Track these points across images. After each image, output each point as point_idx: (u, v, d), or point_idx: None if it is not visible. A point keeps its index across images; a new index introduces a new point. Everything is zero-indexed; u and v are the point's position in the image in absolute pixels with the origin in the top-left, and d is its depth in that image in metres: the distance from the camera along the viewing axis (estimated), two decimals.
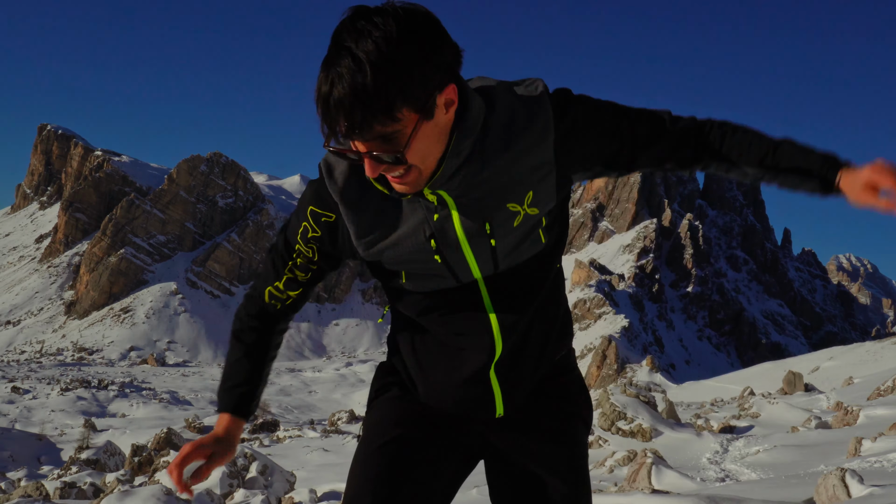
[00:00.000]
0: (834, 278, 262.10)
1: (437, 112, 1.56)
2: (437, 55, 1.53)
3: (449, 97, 1.57)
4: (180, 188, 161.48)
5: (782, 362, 56.17)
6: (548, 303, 1.93)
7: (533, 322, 1.90)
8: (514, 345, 1.89)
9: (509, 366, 1.91)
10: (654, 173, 1.89)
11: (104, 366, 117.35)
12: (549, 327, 1.95)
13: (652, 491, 6.27)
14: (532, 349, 1.93)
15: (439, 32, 1.55)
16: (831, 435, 13.73)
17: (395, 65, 1.46)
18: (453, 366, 1.92)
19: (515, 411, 1.98)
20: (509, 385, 1.92)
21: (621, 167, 1.81)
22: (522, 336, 1.90)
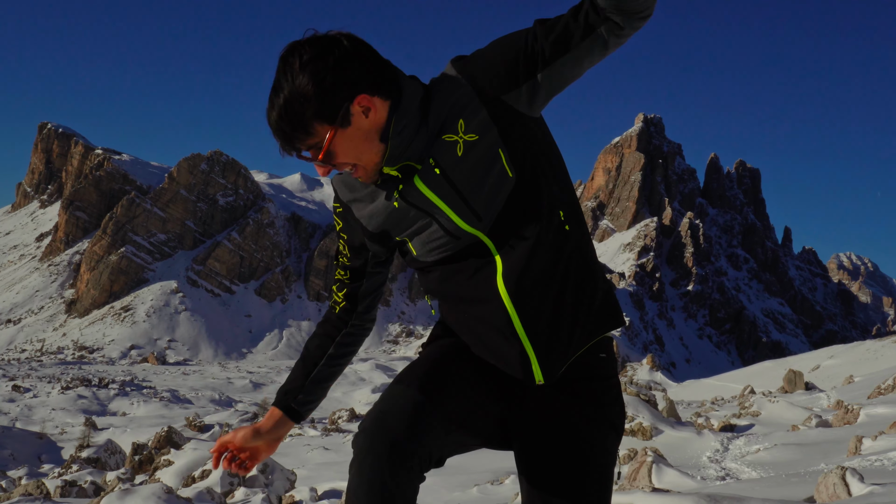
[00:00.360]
0: (834, 277, 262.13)
1: (356, 119, 1.84)
2: (338, 75, 1.81)
3: (362, 105, 1.84)
4: (181, 187, 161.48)
5: (783, 361, 56.12)
6: (560, 257, 1.97)
7: (548, 277, 1.96)
8: (533, 303, 1.96)
9: (535, 326, 1.97)
10: (580, 67, 1.87)
11: (105, 364, 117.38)
12: (569, 281, 1.99)
13: (652, 489, 6.27)
14: (552, 305, 1.97)
15: (342, 54, 1.82)
16: (832, 433, 13.74)
17: (301, 91, 1.81)
18: (481, 334, 2.02)
19: (553, 398, 2.03)
20: (543, 346, 1.98)
21: (537, 62, 1.84)
22: (539, 293, 1.96)
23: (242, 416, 51.69)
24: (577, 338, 2.02)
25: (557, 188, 1.99)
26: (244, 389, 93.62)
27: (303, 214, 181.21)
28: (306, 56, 1.83)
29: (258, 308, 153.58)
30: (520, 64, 1.85)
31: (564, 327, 2.00)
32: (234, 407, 69.94)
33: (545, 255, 1.96)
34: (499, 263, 1.95)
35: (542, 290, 1.96)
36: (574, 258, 2.01)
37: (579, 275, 2.01)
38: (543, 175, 1.95)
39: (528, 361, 1.99)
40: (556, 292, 1.98)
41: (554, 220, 1.97)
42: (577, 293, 2.00)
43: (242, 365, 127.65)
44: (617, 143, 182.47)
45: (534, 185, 1.94)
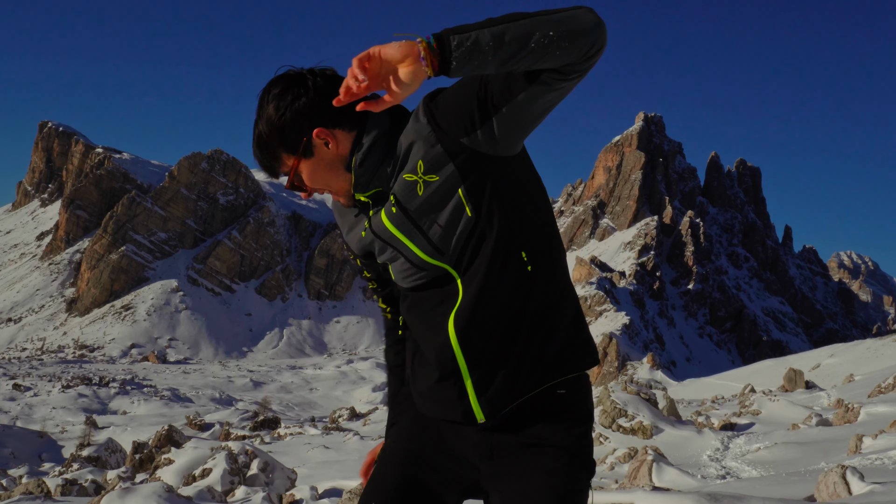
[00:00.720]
0: (835, 275, 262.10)
1: (318, 150, 1.99)
2: (297, 110, 1.96)
3: (321, 137, 1.97)
4: (181, 185, 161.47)
5: (783, 360, 56.15)
6: (516, 297, 1.98)
7: (499, 316, 1.97)
8: (479, 343, 1.98)
9: (478, 366, 1.99)
10: (550, 104, 1.87)
11: (105, 363, 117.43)
12: (524, 323, 1.98)
13: (653, 488, 6.27)
14: (499, 346, 1.98)
15: (304, 90, 1.96)
16: (832, 432, 13.74)
17: (269, 124, 1.99)
18: (429, 364, 2.08)
19: (503, 446, 2.04)
20: (484, 386, 2.00)
21: (489, 107, 1.85)
22: (487, 333, 1.98)
23: (243, 414, 51.74)
24: (525, 381, 1.99)
25: (524, 227, 1.98)
26: (245, 388, 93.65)
27: (303, 213, 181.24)
28: (273, 92, 1.99)
29: (259, 307, 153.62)
30: (474, 110, 1.86)
31: (511, 369, 1.98)
32: (235, 406, 70.00)
33: (500, 294, 1.96)
34: (460, 297, 1.98)
35: (490, 330, 1.97)
36: (534, 300, 1.99)
37: (538, 318, 2.00)
38: (507, 214, 1.95)
39: (467, 400, 2.01)
40: (505, 334, 1.98)
41: (513, 261, 1.97)
42: (531, 335, 1.99)
43: (243, 364, 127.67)
44: (617, 142, 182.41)
45: (494, 223, 1.94)
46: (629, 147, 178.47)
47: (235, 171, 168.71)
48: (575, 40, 1.70)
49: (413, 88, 1.73)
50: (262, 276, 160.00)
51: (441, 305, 2.02)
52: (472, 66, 1.70)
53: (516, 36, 1.69)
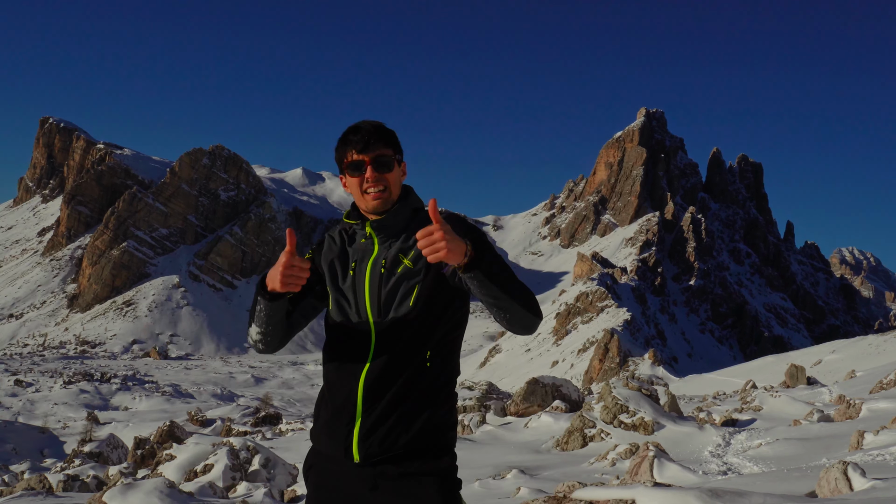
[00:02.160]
0: (837, 272, 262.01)
1: (400, 170, 2.83)
2: (399, 144, 2.84)
3: (404, 170, 2.86)
4: (182, 181, 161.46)
5: (785, 355, 56.16)
6: (417, 375, 2.68)
7: (400, 384, 2.65)
8: (375, 400, 2.65)
9: (368, 418, 2.65)
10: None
11: (107, 359, 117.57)
12: (412, 392, 2.66)
13: (654, 484, 6.27)
14: (386, 407, 2.64)
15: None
16: (834, 428, 13.73)
17: (387, 130, 2.82)
18: (334, 402, 2.72)
19: (385, 478, 2.65)
20: (366, 433, 2.65)
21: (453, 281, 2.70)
22: (386, 392, 2.65)
23: (244, 410, 51.74)
24: (398, 442, 2.64)
25: (437, 336, 2.70)
26: (246, 384, 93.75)
27: (304, 209, 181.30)
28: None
29: None
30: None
31: (390, 429, 2.64)
32: (236, 401, 70.03)
33: (404, 370, 2.66)
34: (371, 354, 2.67)
35: (386, 394, 2.64)
36: (422, 386, 2.69)
37: (421, 399, 2.68)
38: (432, 322, 2.68)
39: (351, 440, 2.65)
40: (395, 402, 2.64)
41: (421, 353, 2.68)
42: (413, 410, 2.66)
43: (244, 360, 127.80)
44: (619, 138, 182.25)
45: (422, 319, 2.67)
46: (631, 143, 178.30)
47: (237, 167, 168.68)
48: (527, 329, 2.65)
49: (451, 254, 2.44)
50: (263, 271, 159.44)
51: (357, 359, 2.69)
52: (481, 273, 2.49)
53: (513, 292, 2.55)
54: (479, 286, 2.52)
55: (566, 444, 15.92)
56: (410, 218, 2.79)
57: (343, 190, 64.22)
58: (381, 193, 2.73)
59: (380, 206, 2.74)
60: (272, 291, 2.68)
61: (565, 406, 21.89)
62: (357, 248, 2.79)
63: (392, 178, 2.75)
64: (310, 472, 2.83)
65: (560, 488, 7.20)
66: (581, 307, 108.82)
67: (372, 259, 2.73)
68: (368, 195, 2.74)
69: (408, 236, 2.75)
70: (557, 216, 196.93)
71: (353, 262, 2.77)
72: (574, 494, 6.35)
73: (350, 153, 2.73)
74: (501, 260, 2.58)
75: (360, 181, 2.74)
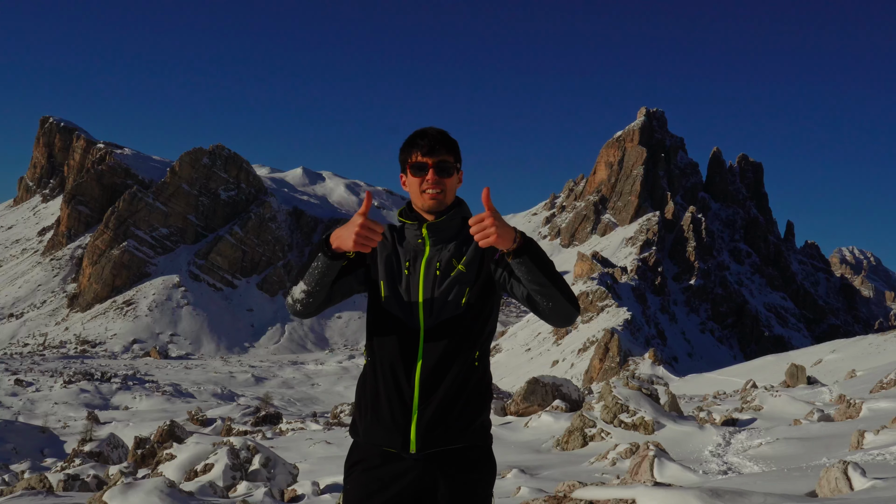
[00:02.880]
0: (837, 271, 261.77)
1: (457, 177, 3.03)
2: (459, 154, 3.06)
3: (461, 178, 3.07)
4: (183, 181, 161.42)
5: (785, 355, 56.09)
6: (467, 373, 2.89)
7: (452, 380, 2.85)
8: (430, 394, 2.84)
9: (425, 411, 2.83)
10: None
11: (107, 358, 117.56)
12: (465, 390, 2.88)
13: (654, 484, 6.27)
14: (447, 399, 2.84)
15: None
16: (834, 428, 13.74)
17: (451, 139, 3.03)
18: (387, 393, 2.88)
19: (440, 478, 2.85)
20: (423, 425, 2.83)
21: (503, 281, 2.95)
22: (440, 387, 2.84)
23: (245, 409, 51.74)
24: (453, 435, 2.86)
25: (485, 336, 2.97)
26: (246, 383, 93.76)
27: (304, 208, 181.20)
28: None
29: (260, 302, 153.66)
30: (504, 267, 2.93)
31: (447, 423, 2.84)
32: (237, 401, 70.03)
33: (455, 368, 2.87)
34: (420, 351, 2.86)
35: (440, 388, 2.84)
36: (472, 384, 2.91)
37: (472, 396, 2.91)
38: (480, 325, 2.93)
39: (409, 433, 2.84)
40: (450, 397, 2.85)
41: (471, 353, 2.91)
42: (465, 406, 2.88)
43: (244, 359, 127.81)
44: (619, 137, 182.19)
45: (472, 320, 2.91)
46: (631, 142, 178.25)
47: (237, 167, 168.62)
48: (567, 320, 2.91)
49: (501, 239, 2.68)
50: (263, 271, 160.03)
51: (408, 355, 2.87)
52: (529, 259, 2.73)
53: (557, 281, 2.82)
54: (527, 272, 2.74)
55: (566, 444, 15.92)
56: (461, 226, 3.00)
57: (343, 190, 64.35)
58: (438, 195, 2.94)
59: (435, 206, 2.96)
60: (336, 249, 2.81)
61: (565, 405, 21.90)
62: (409, 248, 2.98)
63: (450, 183, 2.98)
64: (355, 467, 2.96)
65: (560, 488, 7.20)
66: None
67: (425, 259, 2.94)
68: (426, 195, 2.95)
69: (459, 243, 2.97)
70: (557, 216, 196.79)
71: (406, 260, 2.95)
72: (574, 494, 6.35)
73: (415, 154, 2.96)
74: (544, 252, 2.79)
75: (421, 181, 2.95)
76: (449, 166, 2.96)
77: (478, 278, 2.92)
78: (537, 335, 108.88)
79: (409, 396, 2.84)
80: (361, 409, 2.96)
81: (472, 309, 2.91)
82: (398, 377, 2.86)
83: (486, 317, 2.96)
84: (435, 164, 2.94)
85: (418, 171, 2.95)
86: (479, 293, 2.92)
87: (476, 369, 2.92)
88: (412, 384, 2.84)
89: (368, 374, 2.96)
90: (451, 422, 2.85)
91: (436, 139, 2.95)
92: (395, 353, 2.88)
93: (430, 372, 2.84)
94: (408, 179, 3.01)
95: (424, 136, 2.96)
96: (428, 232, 2.95)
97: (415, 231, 2.97)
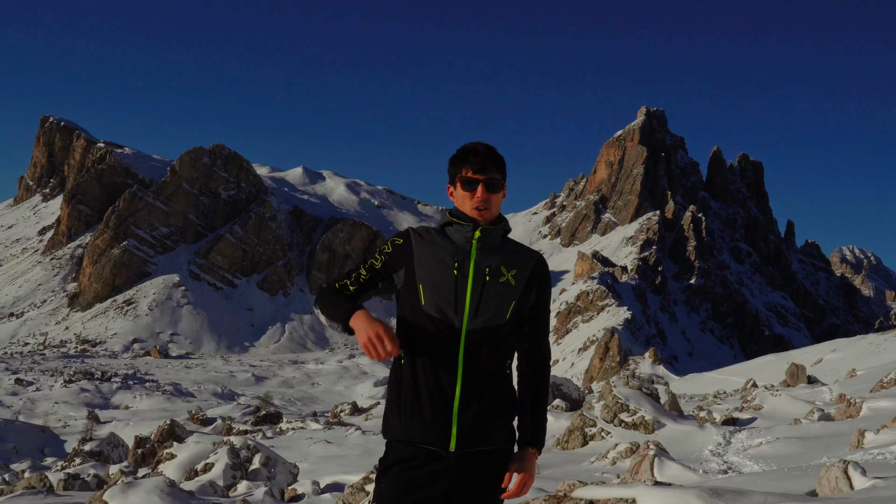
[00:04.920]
0: (837, 270, 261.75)
1: (502, 193, 3.11)
2: (505, 171, 3.15)
3: (505, 192, 3.15)
4: (183, 180, 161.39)
5: (785, 354, 56.10)
6: (501, 379, 3.03)
7: (489, 383, 2.98)
8: (472, 393, 2.95)
9: (465, 412, 2.94)
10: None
11: (107, 358, 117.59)
12: (500, 394, 3.02)
13: (654, 483, 6.26)
14: (485, 401, 2.97)
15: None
16: (834, 427, 13.74)
17: (500, 157, 3.13)
18: (429, 392, 2.95)
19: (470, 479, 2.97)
20: (464, 423, 2.93)
21: (526, 315, 3.13)
22: (479, 389, 2.97)
23: (245, 409, 51.79)
24: (490, 436, 2.99)
25: (514, 347, 3.13)
26: (246, 383, 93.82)
27: (305, 208, 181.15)
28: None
29: (260, 301, 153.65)
30: (541, 298, 3.16)
31: (487, 424, 2.98)
32: (237, 400, 70.06)
33: (492, 373, 3.00)
34: (462, 352, 2.95)
35: (479, 390, 2.97)
36: (505, 390, 3.05)
37: (505, 402, 3.05)
38: (515, 336, 3.11)
39: (449, 432, 2.93)
40: (489, 399, 2.99)
41: (505, 361, 3.06)
42: (501, 411, 3.03)
43: (245, 358, 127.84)
44: (619, 137, 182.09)
45: (509, 332, 3.06)
46: (631, 142, 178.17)
47: (237, 166, 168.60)
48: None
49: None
50: (263, 270, 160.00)
51: (449, 355, 2.95)
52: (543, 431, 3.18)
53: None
54: None
55: (567, 443, 15.92)
56: (504, 239, 3.13)
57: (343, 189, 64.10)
58: (485, 212, 3.05)
59: (481, 221, 3.07)
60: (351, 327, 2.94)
61: (566, 405, 21.91)
62: (455, 249, 3.06)
63: (496, 199, 3.08)
64: (392, 468, 3.02)
65: (560, 487, 7.19)
66: (581, 306, 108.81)
67: (473, 262, 3.02)
68: (475, 211, 3.06)
69: (504, 255, 3.08)
70: (558, 215, 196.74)
71: (455, 261, 3.02)
72: (574, 493, 6.35)
73: (466, 170, 3.05)
74: (544, 418, 3.17)
75: (471, 196, 3.05)
76: (498, 184, 3.07)
77: (522, 297, 3.05)
78: None
79: (450, 396, 2.94)
80: (400, 407, 3.01)
81: (513, 320, 3.05)
82: (440, 377, 2.95)
83: (518, 330, 3.13)
84: (485, 182, 3.04)
85: (468, 185, 3.06)
86: (522, 308, 3.07)
87: (507, 377, 3.07)
88: (454, 384, 2.94)
89: (406, 373, 3.02)
90: (489, 423, 2.97)
91: (486, 157, 3.05)
92: (436, 353, 2.96)
93: (473, 375, 2.95)
94: (456, 192, 3.10)
95: (476, 154, 3.05)
96: (480, 234, 3.04)
97: (467, 233, 3.05)
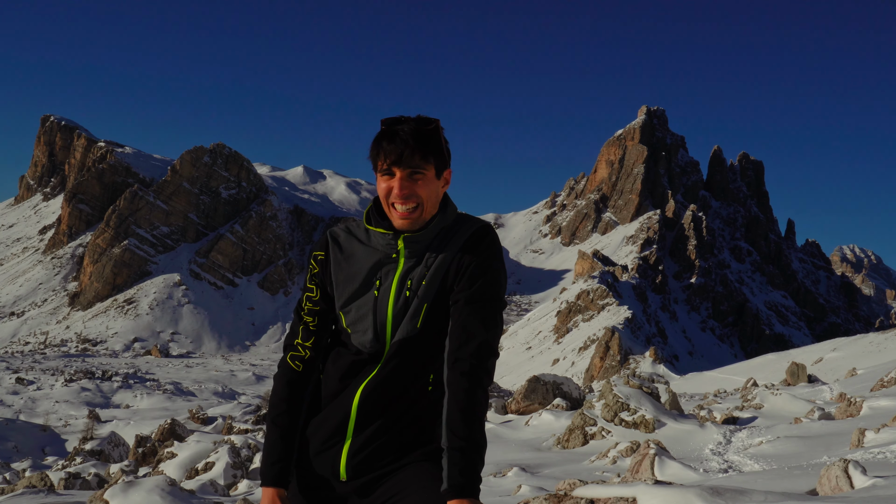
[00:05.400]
0: (838, 269, 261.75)
1: (441, 181, 2.44)
2: (445, 147, 2.45)
3: (447, 178, 2.48)
4: (183, 179, 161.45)
5: (785, 353, 56.09)
6: (410, 401, 2.43)
7: (392, 408, 2.41)
8: (368, 419, 2.40)
9: (359, 435, 2.41)
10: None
11: (108, 357, 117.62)
12: (403, 422, 2.42)
13: (655, 482, 6.27)
14: (380, 427, 2.41)
15: (445, 140, 2.47)
16: (834, 426, 13.74)
17: (430, 136, 2.39)
18: (327, 418, 2.47)
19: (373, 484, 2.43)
20: (355, 452, 2.41)
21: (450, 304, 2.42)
22: (378, 413, 2.41)
23: (245, 408, 51.77)
24: (385, 460, 2.40)
25: (442, 358, 2.42)
26: (247, 382, 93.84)
27: (305, 207, 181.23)
28: (433, 121, 2.42)
29: (261, 301, 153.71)
30: (462, 288, 2.41)
31: (377, 447, 2.40)
32: (238, 399, 70.06)
33: (402, 391, 2.42)
34: (374, 373, 2.42)
35: (380, 412, 2.40)
36: (419, 409, 2.44)
37: (414, 422, 2.43)
38: (438, 344, 2.42)
39: (339, 459, 2.42)
40: (388, 422, 2.40)
41: (423, 377, 2.44)
42: (403, 432, 2.42)
43: (245, 357, 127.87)
44: (620, 136, 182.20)
45: (427, 342, 2.42)
46: (632, 141, 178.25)
47: (237, 165, 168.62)
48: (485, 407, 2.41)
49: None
50: (264, 269, 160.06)
51: (358, 376, 2.44)
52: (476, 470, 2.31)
53: (481, 438, 2.33)
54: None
55: (567, 442, 15.92)
56: (438, 232, 2.46)
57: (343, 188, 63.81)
58: (411, 213, 2.39)
59: (406, 226, 2.40)
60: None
61: (566, 404, 21.90)
62: (379, 260, 2.47)
63: (426, 193, 2.39)
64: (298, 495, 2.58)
65: (561, 486, 7.20)
66: (582, 305, 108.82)
67: (397, 276, 2.42)
68: (395, 212, 2.40)
69: (430, 254, 2.44)
70: (558, 214, 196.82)
71: (377, 279, 2.45)
72: (575, 492, 6.35)
73: (380, 162, 2.39)
74: (469, 456, 2.30)
75: (388, 192, 2.40)
76: (423, 176, 2.38)
77: (436, 296, 2.41)
78: (538, 334, 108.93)
79: (345, 422, 2.43)
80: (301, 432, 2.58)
81: (428, 327, 2.42)
82: (339, 402, 2.47)
83: (442, 337, 2.44)
84: (405, 176, 2.36)
85: (385, 179, 2.40)
86: (439, 310, 2.42)
87: (429, 394, 2.44)
88: (349, 409, 2.43)
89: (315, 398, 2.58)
90: (380, 445, 2.42)
91: (406, 143, 2.34)
92: (345, 376, 2.48)
93: (373, 396, 2.42)
94: (377, 185, 2.44)
95: (393, 139, 2.35)
96: (404, 245, 2.42)
97: (389, 241, 2.45)
